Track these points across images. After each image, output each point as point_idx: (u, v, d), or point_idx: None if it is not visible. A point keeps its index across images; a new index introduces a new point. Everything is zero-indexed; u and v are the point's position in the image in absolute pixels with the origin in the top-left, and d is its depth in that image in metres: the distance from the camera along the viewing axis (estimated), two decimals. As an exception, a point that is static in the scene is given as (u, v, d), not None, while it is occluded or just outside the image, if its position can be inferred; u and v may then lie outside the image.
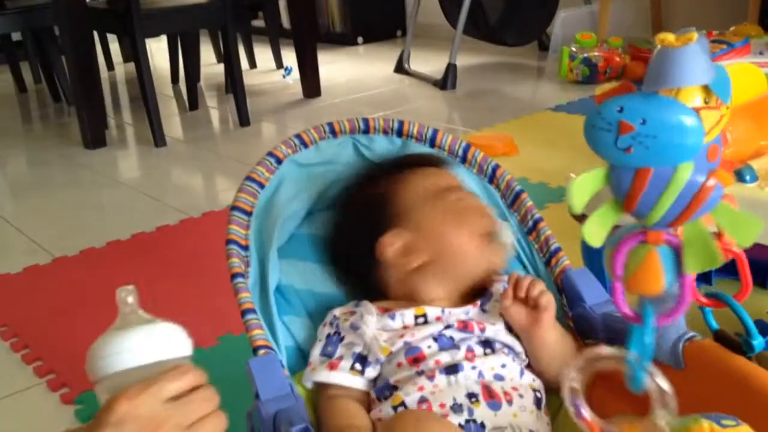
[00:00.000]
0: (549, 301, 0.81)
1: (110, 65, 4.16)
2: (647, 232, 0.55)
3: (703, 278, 1.37)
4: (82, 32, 2.68)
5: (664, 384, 0.58)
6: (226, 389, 1.20)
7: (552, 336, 0.82)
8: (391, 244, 0.87)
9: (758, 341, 0.67)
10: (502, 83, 3.43)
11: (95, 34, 3.22)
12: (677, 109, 0.50)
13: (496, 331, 0.83)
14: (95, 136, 2.74)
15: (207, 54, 3.89)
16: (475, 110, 3.03)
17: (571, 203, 0.56)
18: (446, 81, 3.31)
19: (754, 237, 0.55)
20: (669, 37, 0.49)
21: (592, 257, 1.33)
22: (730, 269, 0.66)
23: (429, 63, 3.68)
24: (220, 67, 3.60)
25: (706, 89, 0.51)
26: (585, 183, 0.55)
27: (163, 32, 3.12)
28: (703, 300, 0.65)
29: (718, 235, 0.56)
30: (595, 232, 0.58)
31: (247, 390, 0.81)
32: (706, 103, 0.52)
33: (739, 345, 0.69)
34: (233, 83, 2.92)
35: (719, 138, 0.53)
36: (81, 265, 1.79)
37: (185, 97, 3.34)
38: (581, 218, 1.33)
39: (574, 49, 3.24)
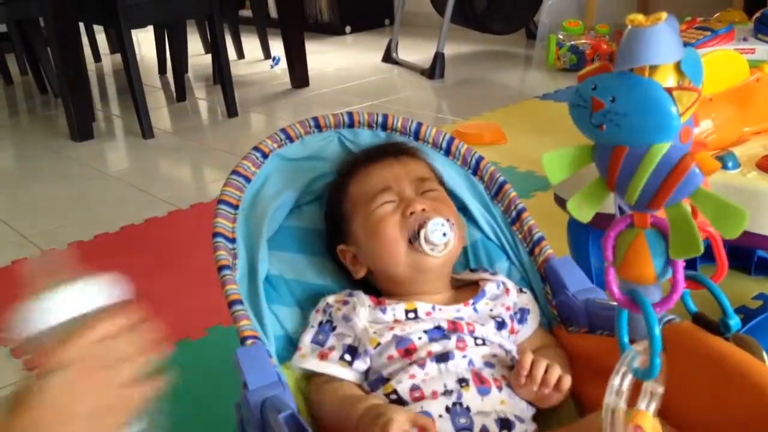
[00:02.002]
0: (567, 385, 0.77)
1: (97, 57, 4.14)
2: (634, 215, 0.56)
3: (688, 264, 1.39)
4: (68, 23, 2.66)
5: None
6: (215, 380, 1.22)
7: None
8: (344, 254, 0.91)
9: (734, 321, 0.68)
10: (490, 72, 3.43)
11: (81, 25, 3.20)
12: (648, 89, 0.51)
13: (486, 331, 0.83)
14: (82, 128, 2.73)
15: (194, 44, 3.88)
16: (463, 99, 3.03)
17: (548, 177, 0.57)
18: (434, 70, 3.31)
19: (740, 229, 0.54)
20: (639, 17, 0.50)
21: (579, 244, 1.34)
22: (713, 255, 0.67)
23: (417, 52, 3.67)
24: (208, 58, 3.59)
25: (679, 71, 0.52)
26: (556, 159, 0.56)
27: (150, 22, 3.10)
28: (681, 281, 0.66)
29: (693, 214, 0.57)
30: (582, 208, 0.59)
31: (235, 380, 0.81)
32: (679, 84, 0.52)
33: (717, 326, 0.70)
34: (221, 74, 2.91)
35: (691, 120, 0.54)
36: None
37: (173, 88, 3.33)
38: (565, 205, 1.34)
39: (561, 36, 3.25)
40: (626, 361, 0.56)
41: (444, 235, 0.83)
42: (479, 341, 0.82)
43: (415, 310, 0.84)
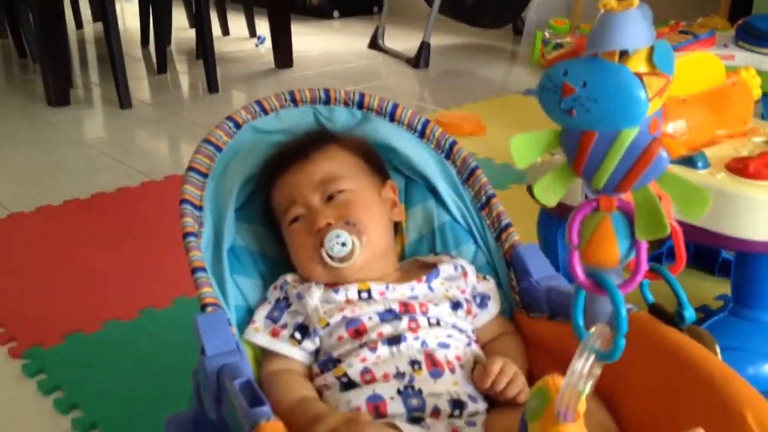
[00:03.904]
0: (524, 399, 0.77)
1: (79, 24, 4.08)
2: (600, 198, 0.56)
3: (654, 260, 1.40)
4: (50, -13, 2.62)
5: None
6: (177, 350, 1.21)
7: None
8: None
9: (689, 313, 0.69)
10: (475, 65, 3.44)
11: (64, -10, 3.15)
12: (619, 74, 0.51)
13: (440, 311, 0.83)
14: (59, 94, 2.69)
15: (179, 18, 3.83)
16: (446, 90, 3.03)
17: (515, 160, 0.58)
18: (419, 59, 3.31)
19: (704, 211, 0.55)
20: (611, 2, 0.50)
21: (548, 236, 1.35)
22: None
23: (403, 41, 3.67)
24: (192, 32, 3.55)
25: (651, 62, 0.52)
26: (523, 142, 0.57)
27: (135, -8, 3.06)
28: (640, 270, 0.67)
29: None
30: (547, 193, 0.59)
31: (196, 351, 0.81)
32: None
33: (672, 317, 0.71)
34: (204, 48, 2.89)
35: (660, 112, 0.54)
36: (36, 222, 1.76)
37: (154, 60, 3.29)
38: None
39: (547, 34, 3.26)
40: (588, 343, 0.56)
41: (343, 245, 0.83)
42: (433, 321, 0.82)
43: (368, 290, 0.84)
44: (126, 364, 1.23)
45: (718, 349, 0.73)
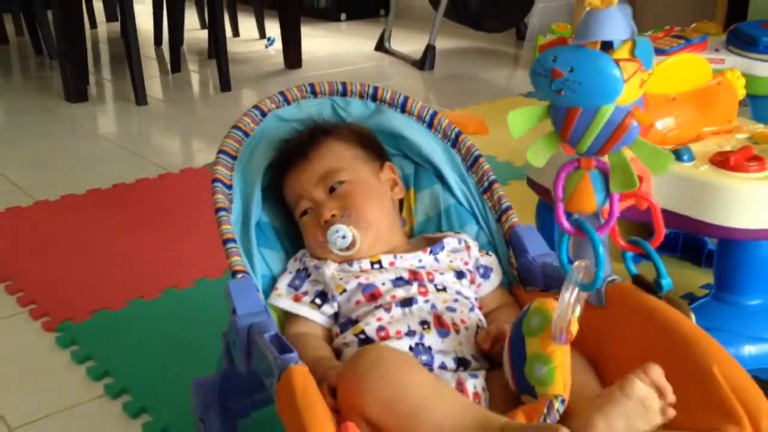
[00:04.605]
0: None
1: (93, 23, 4.18)
2: (581, 159, 0.68)
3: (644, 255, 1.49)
4: (70, -13, 2.72)
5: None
6: (198, 327, 1.31)
7: None
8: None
9: (666, 281, 0.78)
10: (479, 68, 3.53)
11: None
12: (600, 60, 0.62)
13: (445, 279, 0.93)
14: (77, 90, 2.79)
15: (190, 20, 3.94)
16: (451, 92, 3.13)
17: (511, 131, 0.69)
18: (425, 62, 3.40)
19: (667, 167, 0.67)
20: (595, 1, 0.61)
21: (544, 224, 1.45)
22: (668, 247, 0.78)
23: (409, 43, 3.76)
24: (203, 33, 3.66)
25: (633, 55, 0.63)
26: (518, 116, 0.67)
27: (150, -7, 3.16)
28: (623, 244, 0.76)
29: (639, 180, 0.68)
30: (538, 155, 0.71)
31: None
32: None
33: (652, 286, 0.80)
34: (216, 48, 2.98)
35: (641, 100, 0.64)
36: (61, 209, 1.86)
37: (167, 59, 3.39)
38: (536, 188, 1.42)
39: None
40: (572, 278, 0.67)
41: (344, 237, 0.92)
42: (440, 287, 0.92)
43: (379, 261, 0.94)
44: (152, 337, 1.32)
45: (693, 316, 0.82)
